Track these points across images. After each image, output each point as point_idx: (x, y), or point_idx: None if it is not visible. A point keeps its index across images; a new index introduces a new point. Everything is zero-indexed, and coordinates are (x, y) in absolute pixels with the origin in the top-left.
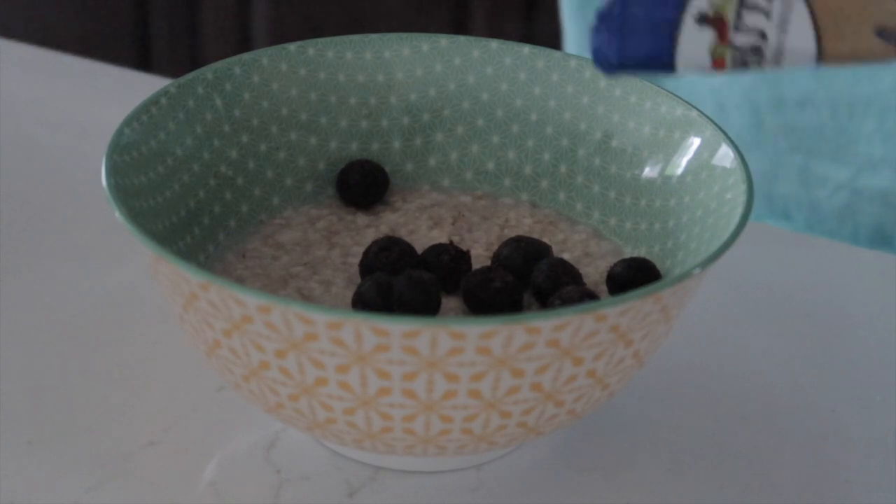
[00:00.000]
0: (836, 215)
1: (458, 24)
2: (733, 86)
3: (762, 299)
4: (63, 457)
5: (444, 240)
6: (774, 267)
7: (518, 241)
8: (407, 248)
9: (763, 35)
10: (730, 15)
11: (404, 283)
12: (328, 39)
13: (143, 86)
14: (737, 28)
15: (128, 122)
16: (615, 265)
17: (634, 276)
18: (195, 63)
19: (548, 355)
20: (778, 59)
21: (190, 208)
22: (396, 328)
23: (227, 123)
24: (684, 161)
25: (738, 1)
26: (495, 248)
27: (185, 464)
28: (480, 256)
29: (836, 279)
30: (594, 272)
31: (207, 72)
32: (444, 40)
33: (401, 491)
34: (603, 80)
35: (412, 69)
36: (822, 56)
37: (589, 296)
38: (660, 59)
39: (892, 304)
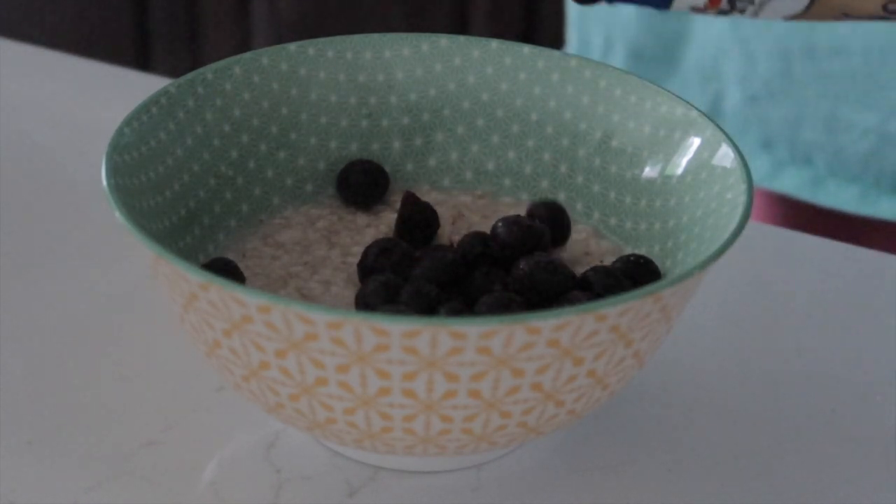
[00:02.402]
0: (860, 160)
1: (458, 24)
2: (764, 36)
3: (762, 299)
4: (63, 457)
5: (443, 240)
6: (774, 267)
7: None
8: (407, 250)
9: None
10: None
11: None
12: (328, 39)
13: (143, 86)
14: None
15: (128, 122)
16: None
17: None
18: (195, 63)
19: (548, 355)
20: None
21: (190, 208)
22: (396, 328)
23: (227, 123)
24: (684, 161)
25: None
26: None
27: (185, 464)
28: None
29: (836, 279)
30: None
31: (207, 72)
32: (444, 40)
33: (401, 491)
34: (603, 80)
35: (412, 69)
36: (810, 8)
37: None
38: None
39: (892, 304)
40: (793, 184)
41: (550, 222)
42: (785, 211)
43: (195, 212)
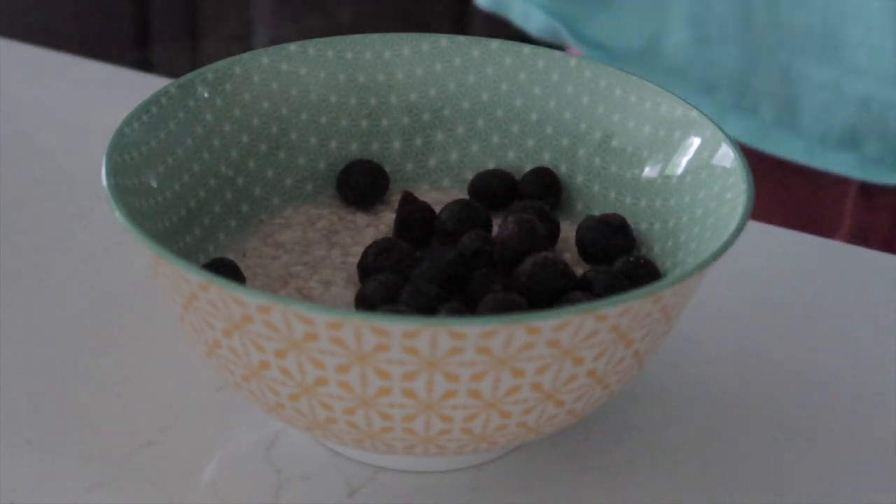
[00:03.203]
0: (811, 114)
1: (458, 24)
2: None
3: (762, 299)
4: (63, 457)
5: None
6: (774, 267)
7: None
8: (407, 250)
9: None
10: None
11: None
12: (328, 39)
13: (143, 86)
14: None
15: (128, 122)
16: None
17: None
18: (195, 63)
19: (548, 355)
20: None
21: (190, 208)
22: (396, 328)
23: (227, 123)
24: (684, 161)
25: None
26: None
27: (185, 464)
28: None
29: (836, 279)
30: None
31: (207, 72)
32: (444, 40)
33: (401, 491)
34: (603, 80)
35: (412, 69)
36: None
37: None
38: None
39: (892, 304)
40: (735, 130)
41: (541, 189)
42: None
43: (195, 212)
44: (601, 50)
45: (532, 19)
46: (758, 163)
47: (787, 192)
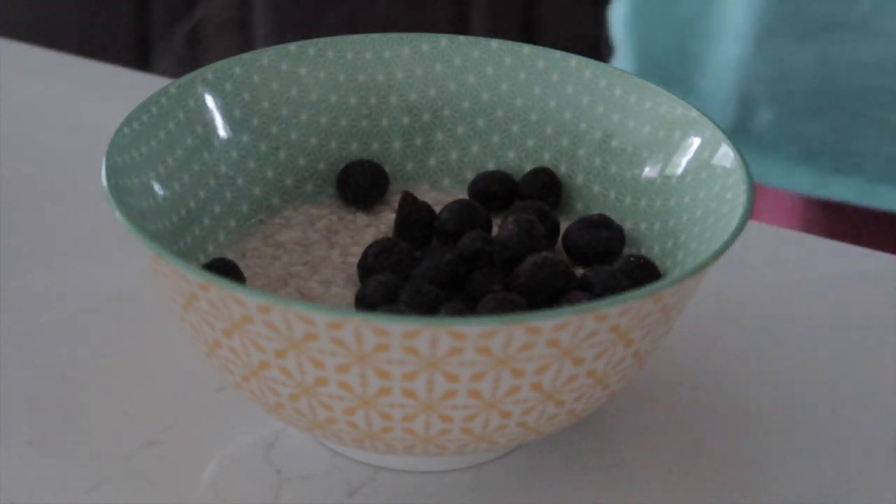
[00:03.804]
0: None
1: (458, 24)
2: (799, 54)
3: (762, 299)
4: (63, 457)
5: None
6: (774, 267)
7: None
8: (407, 250)
9: None
10: None
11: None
12: (328, 39)
13: (143, 86)
14: None
15: (128, 122)
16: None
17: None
18: (195, 63)
19: (548, 355)
20: None
21: (190, 208)
22: (396, 328)
23: (228, 123)
24: (684, 161)
25: None
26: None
27: (185, 464)
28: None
29: (836, 279)
30: None
31: (207, 72)
32: (444, 40)
33: (401, 491)
34: (603, 80)
35: (412, 69)
36: None
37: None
38: None
39: (892, 304)
40: (839, 192)
41: (541, 189)
42: (834, 217)
43: (195, 212)
44: None
45: None
46: (865, 220)
47: None
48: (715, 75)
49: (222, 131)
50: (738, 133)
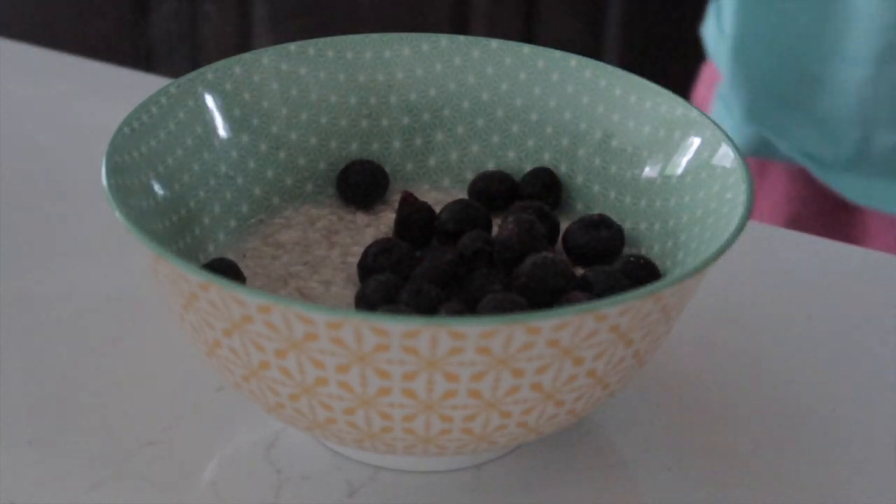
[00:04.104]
0: None
1: (458, 24)
2: None
3: (762, 299)
4: (63, 457)
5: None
6: (774, 267)
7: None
8: (407, 250)
9: None
10: None
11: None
12: (328, 39)
13: (143, 86)
14: None
15: (128, 122)
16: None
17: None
18: (195, 63)
19: (548, 355)
20: None
21: (190, 208)
22: (396, 328)
23: (228, 123)
24: (684, 161)
25: None
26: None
27: (185, 464)
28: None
29: (836, 279)
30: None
31: (207, 72)
32: (444, 40)
33: (401, 491)
34: (603, 80)
35: (412, 69)
36: None
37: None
38: None
39: (892, 304)
40: None
41: (541, 189)
42: None
43: (195, 212)
44: (811, 160)
45: (738, 133)
46: None
47: None
48: (834, 97)
49: (222, 131)
50: (860, 156)
